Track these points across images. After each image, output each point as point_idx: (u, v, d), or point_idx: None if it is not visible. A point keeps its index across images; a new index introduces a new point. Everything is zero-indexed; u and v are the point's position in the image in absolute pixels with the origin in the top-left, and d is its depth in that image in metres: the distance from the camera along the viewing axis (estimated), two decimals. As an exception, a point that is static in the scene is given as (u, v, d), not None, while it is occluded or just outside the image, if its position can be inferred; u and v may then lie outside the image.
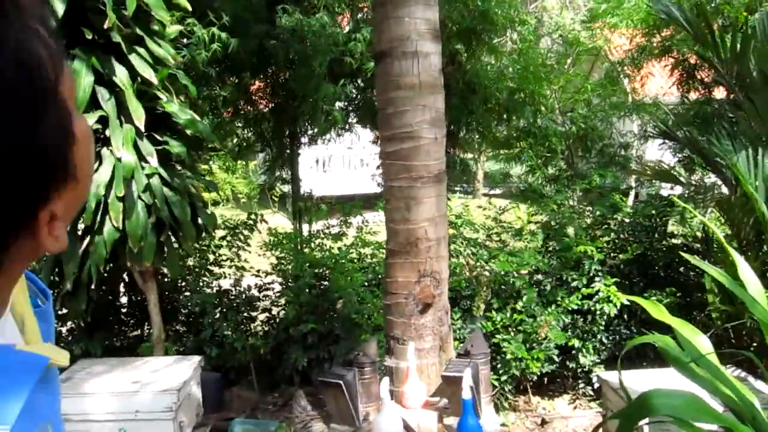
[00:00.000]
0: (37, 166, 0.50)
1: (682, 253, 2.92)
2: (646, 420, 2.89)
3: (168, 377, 3.84)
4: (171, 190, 3.99)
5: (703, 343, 2.61)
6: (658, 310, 2.82)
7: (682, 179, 4.65)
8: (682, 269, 5.09)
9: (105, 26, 3.52)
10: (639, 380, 3.29)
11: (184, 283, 5.32)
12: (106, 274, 4.51)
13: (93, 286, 3.93)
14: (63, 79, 0.53)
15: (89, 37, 3.63)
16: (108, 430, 3.57)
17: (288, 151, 6.23)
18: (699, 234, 5.16)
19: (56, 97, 0.52)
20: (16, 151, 0.48)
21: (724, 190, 4.32)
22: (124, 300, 5.40)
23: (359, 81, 5.82)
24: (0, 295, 0.57)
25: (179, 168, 4.16)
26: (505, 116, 5.98)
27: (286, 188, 7.42)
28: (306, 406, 4.64)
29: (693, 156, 5.42)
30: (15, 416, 0.51)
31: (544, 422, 4.40)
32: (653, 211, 5.13)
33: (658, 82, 9.10)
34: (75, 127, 0.54)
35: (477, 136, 6.60)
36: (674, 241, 5.20)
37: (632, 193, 7.75)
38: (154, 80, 3.79)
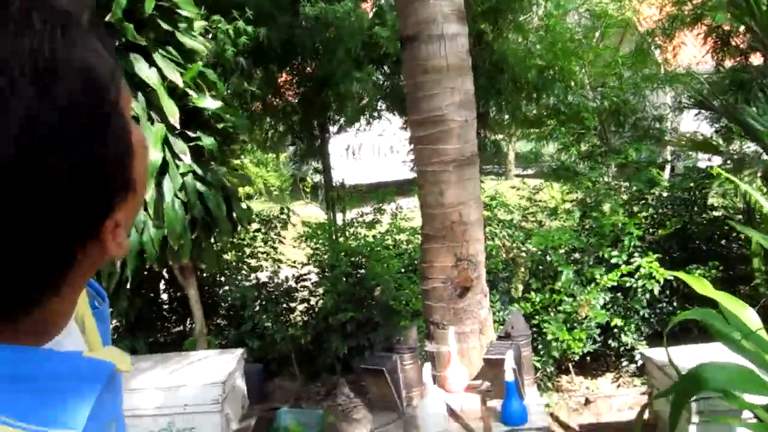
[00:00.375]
0: (103, 182, 0.51)
1: (731, 222, 2.84)
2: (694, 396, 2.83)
3: (212, 370, 3.89)
4: (205, 185, 4.04)
5: (750, 316, 2.55)
6: (702, 285, 2.77)
7: (721, 149, 4.53)
8: (723, 242, 4.99)
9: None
10: (684, 356, 3.24)
11: (222, 278, 5.39)
12: (146, 272, 4.60)
13: (129, 285, 4.00)
14: (121, 93, 0.54)
15: (116, 43, 3.68)
16: (158, 424, 3.64)
17: (318, 141, 6.24)
18: (740, 205, 5.03)
19: (117, 112, 0.53)
20: (84, 169, 0.49)
21: (766, 158, 4.20)
22: (165, 297, 5.50)
23: (385, 67, 5.80)
24: (68, 302, 0.58)
25: (212, 163, 4.20)
26: (534, 95, 5.91)
27: (318, 178, 7.44)
28: (349, 393, 4.68)
29: (731, 125, 5.28)
30: (84, 420, 0.54)
31: (587, 402, 4.36)
32: (692, 184, 5.02)
33: (691, 52, 8.87)
34: (133, 138, 0.55)
35: (507, 117, 6.53)
36: (715, 213, 5.08)
37: (668, 167, 7.59)
38: (180, 83, 3.82)
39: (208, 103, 4.05)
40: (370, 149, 14.66)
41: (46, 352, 0.55)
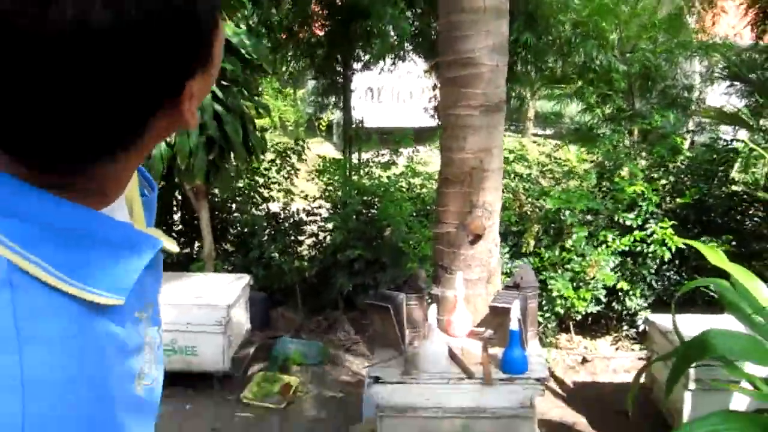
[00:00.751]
0: (193, 38, 0.51)
1: (760, 194, 2.80)
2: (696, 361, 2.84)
3: (218, 293, 3.94)
4: (224, 108, 3.99)
5: (761, 289, 2.54)
6: (716, 255, 2.75)
7: (751, 123, 4.44)
8: (739, 217, 4.94)
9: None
10: (689, 325, 3.24)
11: (234, 204, 5.40)
12: (159, 191, 4.59)
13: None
14: None
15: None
16: (160, 339, 3.70)
17: (341, 78, 6.14)
18: (762, 182, 4.96)
19: None
20: (182, 14, 0.49)
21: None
22: (175, 217, 5.52)
23: (416, 8, 5.66)
24: (129, 167, 0.57)
25: (234, 88, 4.15)
26: (564, 50, 5.77)
27: (335, 117, 7.33)
28: (349, 330, 4.75)
29: (761, 100, 5.17)
30: (128, 290, 0.53)
31: (585, 360, 4.40)
32: (714, 156, 4.95)
33: (729, 22, 8.62)
34: (217, 14, 0.55)
35: (533, 71, 6.40)
36: (734, 188, 5.02)
37: (688, 139, 7.48)
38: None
39: (229, 26, 3.97)
40: (390, 93, 14.48)
41: (101, 216, 0.54)
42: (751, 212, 4.96)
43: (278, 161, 5.45)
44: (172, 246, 0.61)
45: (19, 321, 0.46)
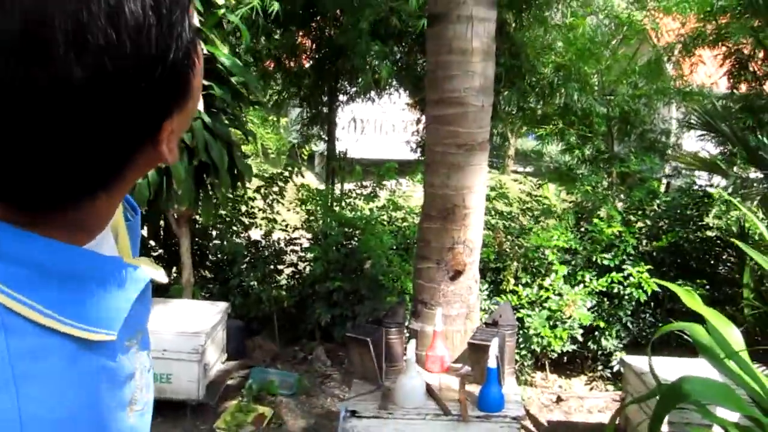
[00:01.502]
0: (170, 80, 0.51)
1: (734, 241, 2.86)
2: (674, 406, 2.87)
3: (196, 320, 3.91)
4: (211, 135, 4.01)
5: (734, 335, 2.59)
6: (692, 299, 2.80)
7: (727, 171, 4.55)
8: (713, 262, 5.04)
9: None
10: (664, 367, 3.28)
11: (214, 231, 5.37)
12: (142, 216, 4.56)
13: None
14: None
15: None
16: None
17: (326, 109, 6.19)
18: (734, 228, 5.08)
19: (189, 14, 0.52)
20: (157, 62, 0.49)
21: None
22: (153, 243, 5.47)
23: (404, 44, 5.75)
24: (111, 203, 0.58)
25: (222, 116, 4.17)
26: (547, 92, 5.88)
27: (318, 147, 7.33)
28: (326, 361, 4.72)
29: (734, 149, 5.31)
30: (121, 324, 0.54)
31: (559, 399, 4.42)
32: (689, 201, 5.05)
33: (706, 71, 8.84)
34: (197, 48, 0.55)
35: (516, 111, 6.51)
36: (709, 233, 5.12)
37: (663, 183, 7.60)
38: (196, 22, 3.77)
39: (223, 59, 4.01)
40: (372, 126, 14.57)
41: (87, 253, 0.55)
42: (724, 257, 5.06)
43: (263, 190, 5.44)
44: (161, 277, 0.61)
45: (14, 362, 0.47)
